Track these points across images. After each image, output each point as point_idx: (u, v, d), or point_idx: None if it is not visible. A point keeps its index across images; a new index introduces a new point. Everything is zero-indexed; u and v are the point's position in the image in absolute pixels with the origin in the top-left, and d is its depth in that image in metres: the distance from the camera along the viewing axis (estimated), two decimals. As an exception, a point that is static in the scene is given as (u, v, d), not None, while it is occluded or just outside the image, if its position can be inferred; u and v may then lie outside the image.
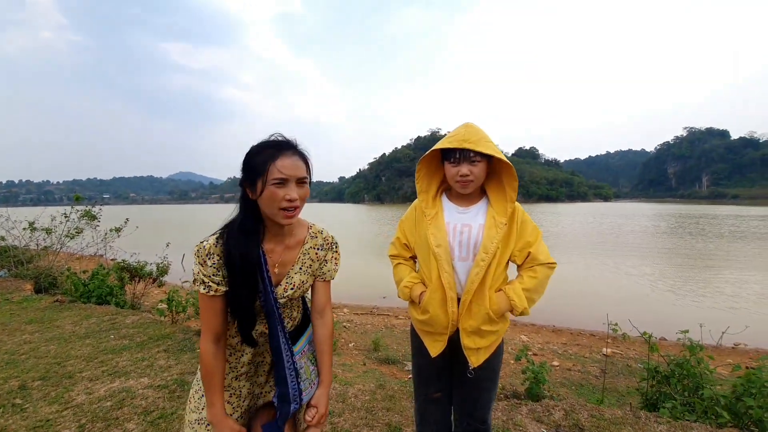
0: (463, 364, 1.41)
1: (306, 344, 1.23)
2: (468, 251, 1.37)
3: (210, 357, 1.04)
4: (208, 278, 1.02)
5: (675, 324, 6.48)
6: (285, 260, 1.15)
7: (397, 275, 1.53)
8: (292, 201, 1.01)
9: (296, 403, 1.14)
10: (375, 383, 3.01)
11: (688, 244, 19.15)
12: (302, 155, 1.05)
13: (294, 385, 1.13)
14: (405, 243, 1.52)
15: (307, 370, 1.20)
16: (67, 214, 6.77)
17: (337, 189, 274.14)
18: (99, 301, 4.97)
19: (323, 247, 1.22)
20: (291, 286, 1.14)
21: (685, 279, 11.18)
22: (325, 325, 1.23)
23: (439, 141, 1.40)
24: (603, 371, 4.52)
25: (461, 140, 1.29)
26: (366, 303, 8.68)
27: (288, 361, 1.12)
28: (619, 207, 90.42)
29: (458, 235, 1.39)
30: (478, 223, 1.39)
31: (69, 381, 2.78)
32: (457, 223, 1.40)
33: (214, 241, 1.04)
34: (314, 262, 1.20)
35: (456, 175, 1.34)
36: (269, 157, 0.99)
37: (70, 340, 3.61)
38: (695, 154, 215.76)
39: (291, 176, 1.00)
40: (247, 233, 1.05)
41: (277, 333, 1.11)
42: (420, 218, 1.45)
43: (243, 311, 1.06)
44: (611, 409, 2.44)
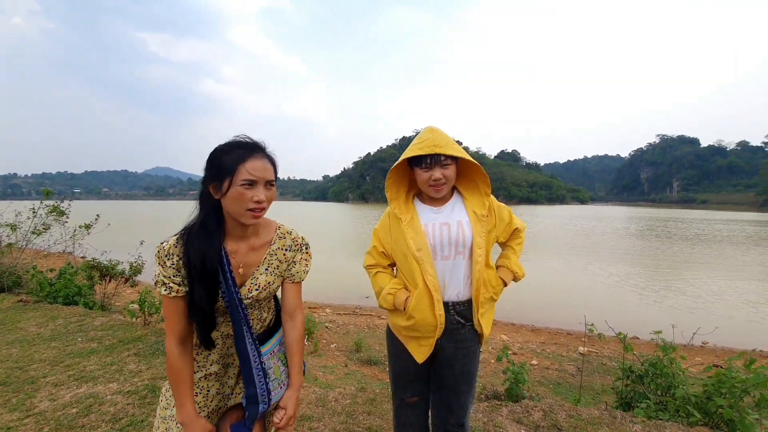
0: (443, 368, 1.43)
1: (276, 345, 1.22)
2: (450, 249, 1.39)
3: (176, 358, 1.03)
4: (169, 279, 1.02)
5: (645, 322, 6.79)
6: (250, 261, 1.13)
7: (378, 284, 1.50)
8: (260, 202, 1.02)
9: (265, 403, 1.13)
10: (356, 386, 2.98)
11: (656, 246, 20.11)
12: (270, 158, 1.07)
13: (262, 385, 1.12)
14: (382, 251, 1.50)
15: (277, 370, 1.19)
16: (35, 210, 6.42)
17: (321, 187, 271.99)
18: (66, 302, 4.75)
19: (291, 248, 1.21)
20: (256, 287, 1.13)
21: (654, 280, 11.68)
22: (295, 327, 1.21)
23: (407, 148, 1.41)
24: (579, 370, 4.63)
25: (432, 146, 1.32)
26: (349, 303, 8.62)
27: (255, 361, 1.11)
28: (595, 210, 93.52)
29: (438, 235, 1.39)
30: (456, 219, 1.41)
31: (31, 387, 2.63)
32: (435, 223, 1.41)
33: (174, 242, 1.04)
34: (282, 263, 1.19)
35: (429, 180, 1.36)
36: (239, 158, 0.99)
37: (33, 342, 3.42)
38: (667, 161, 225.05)
39: (260, 178, 1.01)
40: (207, 233, 1.04)
41: (242, 334, 1.09)
42: (395, 224, 1.44)
43: (201, 313, 1.04)
44: (588, 409, 2.49)
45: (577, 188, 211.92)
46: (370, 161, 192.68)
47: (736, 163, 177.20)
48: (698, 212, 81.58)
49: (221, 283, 1.06)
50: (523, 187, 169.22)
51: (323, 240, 21.55)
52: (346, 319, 7.10)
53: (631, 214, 64.18)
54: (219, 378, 1.17)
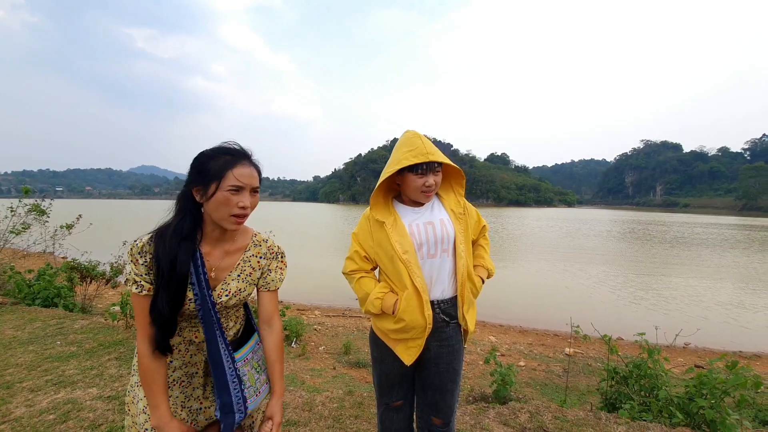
0: (429, 367, 1.44)
1: (249, 352, 1.19)
2: (436, 248, 1.42)
3: (148, 359, 1.02)
4: (140, 277, 1.01)
5: (628, 323, 6.93)
6: (222, 265, 1.13)
7: (362, 289, 1.47)
8: (244, 208, 1.04)
9: (241, 412, 1.09)
10: (344, 389, 2.95)
11: (637, 249, 20.63)
12: (257, 166, 1.10)
13: (237, 393, 1.09)
14: (365, 255, 1.50)
15: (252, 378, 1.17)
16: (14, 208, 6.22)
17: (312, 188, 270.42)
18: (45, 304, 4.61)
19: (266, 256, 1.20)
20: (226, 292, 1.11)
21: (635, 282, 11.95)
22: (273, 333, 1.21)
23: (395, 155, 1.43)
24: (566, 371, 4.68)
25: (426, 153, 1.35)
26: (338, 305, 8.57)
27: (229, 368, 1.09)
28: (581, 213, 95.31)
29: (424, 234, 1.42)
30: (439, 218, 1.45)
31: (7, 392, 2.54)
32: (418, 222, 1.44)
33: (148, 240, 1.04)
34: (255, 270, 1.18)
35: (422, 186, 1.39)
36: (227, 163, 1.02)
37: (10, 346, 3.31)
38: (650, 165, 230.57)
39: (247, 185, 1.04)
40: (181, 237, 1.03)
41: (215, 339, 1.07)
42: (377, 228, 1.44)
43: (161, 318, 1.00)
44: (573, 410, 2.52)
45: (565, 191, 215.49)
46: (361, 162, 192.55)
47: (717, 168, 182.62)
48: (679, 216, 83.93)
49: (194, 285, 1.04)
50: (512, 189, 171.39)
51: (313, 241, 21.43)
52: (335, 321, 7.05)
53: (615, 217, 65.63)
54: (183, 388, 1.13)
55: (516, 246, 21.31)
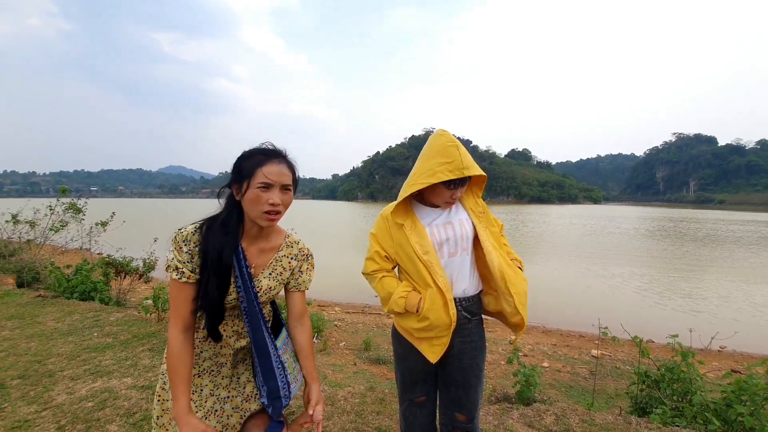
0: (452, 364, 1.44)
1: (286, 339, 1.26)
2: (456, 246, 1.42)
3: (177, 347, 1.04)
4: (182, 264, 1.05)
5: (657, 325, 6.64)
6: (257, 263, 1.17)
7: (385, 288, 1.46)
8: (275, 205, 1.06)
9: (287, 398, 1.16)
10: (365, 385, 2.98)
11: (664, 248, 19.71)
12: (290, 164, 1.11)
13: (282, 378, 1.15)
14: (385, 255, 1.48)
15: (290, 365, 1.23)
16: (52, 207, 6.60)
17: (331, 186, 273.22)
18: (83, 297, 4.85)
19: (297, 258, 1.24)
20: (258, 289, 1.16)
21: (664, 282, 11.44)
22: (305, 331, 1.26)
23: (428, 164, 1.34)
24: (592, 373, 4.55)
25: (462, 168, 1.31)
26: (357, 302, 8.64)
27: (275, 355, 1.15)
28: (607, 210, 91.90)
29: (444, 234, 1.41)
30: (458, 219, 1.45)
31: (49, 380, 2.69)
32: (437, 223, 1.43)
33: (193, 230, 1.08)
34: (285, 270, 1.22)
35: (449, 197, 1.38)
36: (258, 162, 1.05)
37: (51, 336, 3.51)
38: (683, 160, 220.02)
39: (276, 182, 1.05)
40: (227, 230, 1.08)
41: (261, 328, 1.13)
42: (396, 230, 1.43)
43: (211, 305, 1.06)
44: (602, 414, 2.44)
45: (590, 187, 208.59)
46: (379, 160, 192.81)
47: (755, 162, 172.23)
48: (714, 213, 79.53)
49: (237, 278, 1.09)
50: (534, 186, 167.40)
51: (332, 239, 21.64)
52: (354, 318, 7.12)
53: (644, 215, 62.90)
54: (212, 377, 1.18)
55: (536, 244, 20.80)
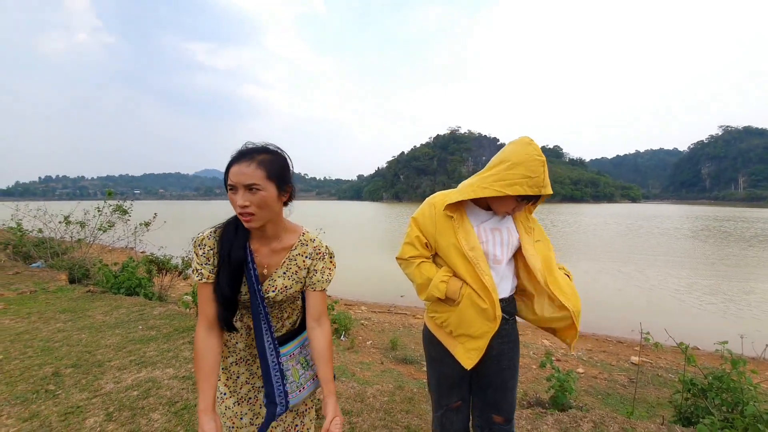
0: (489, 365, 1.40)
1: (297, 347, 1.22)
2: (503, 254, 1.37)
3: (200, 345, 1.08)
4: (201, 266, 1.11)
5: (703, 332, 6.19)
6: (270, 263, 1.17)
7: (423, 274, 1.38)
8: (243, 207, 1.02)
9: (282, 406, 1.13)
10: (393, 384, 2.98)
11: (707, 248, 18.38)
12: (261, 161, 1.02)
13: (279, 386, 1.13)
14: (426, 242, 1.40)
15: (296, 373, 1.19)
16: (100, 209, 7.08)
17: (356, 187, 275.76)
18: (128, 293, 5.15)
19: (312, 256, 1.19)
20: (273, 288, 1.15)
21: (706, 285, 10.66)
22: (324, 334, 1.18)
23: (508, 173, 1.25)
24: (632, 381, 4.33)
25: (540, 186, 1.24)
26: (384, 301, 8.67)
27: (273, 361, 1.13)
28: (647, 209, 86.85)
29: (492, 238, 1.37)
30: (506, 226, 1.41)
31: (99, 369, 2.87)
32: (486, 227, 1.39)
33: (208, 234, 1.13)
34: (301, 269, 1.19)
35: (513, 209, 1.34)
36: (228, 165, 1.04)
37: (100, 329, 3.74)
38: (731, 154, 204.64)
39: (237, 183, 1.01)
40: (236, 230, 1.12)
41: (261, 331, 1.12)
42: (442, 219, 1.36)
43: (222, 297, 1.09)
44: (644, 423, 2.32)
45: (628, 185, 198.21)
46: (404, 160, 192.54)
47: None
48: (766, 211, 73.17)
49: (247, 279, 1.12)
50: (566, 184, 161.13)
51: (357, 239, 21.82)
52: (381, 317, 7.15)
53: (687, 213, 58.94)
54: (248, 366, 1.21)
55: (566, 244, 19.95)
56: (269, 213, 1.07)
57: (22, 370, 2.82)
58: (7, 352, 3.12)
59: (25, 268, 6.59)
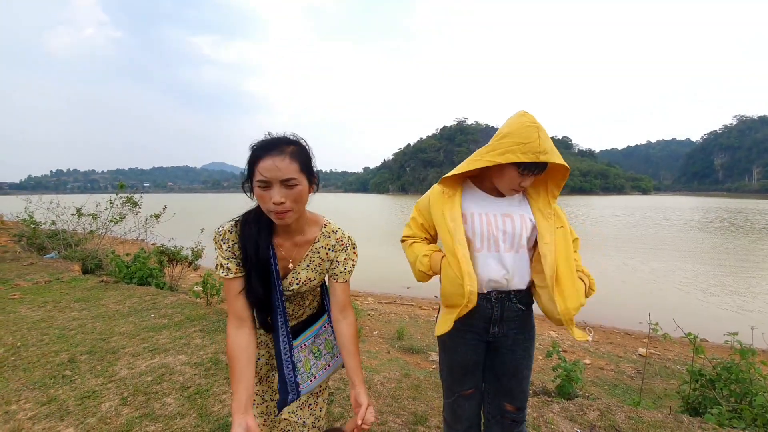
0: (505, 354, 1.39)
1: (310, 338, 1.24)
2: (513, 242, 1.32)
3: (232, 343, 1.05)
4: (226, 261, 1.07)
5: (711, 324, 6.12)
6: (294, 256, 1.15)
7: (413, 252, 1.42)
8: (278, 204, 0.96)
9: (294, 394, 1.16)
10: (400, 372, 3.02)
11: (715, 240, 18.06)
12: (293, 154, 0.97)
13: (291, 377, 1.15)
14: (422, 223, 1.45)
15: (307, 363, 1.21)
16: (112, 201, 7.20)
17: (362, 179, 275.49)
18: (140, 282, 5.26)
19: (335, 248, 1.18)
20: (297, 281, 1.15)
21: (714, 277, 10.50)
22: (349, 326, 1.19)
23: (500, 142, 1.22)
24: (639, 372, 4.32)
25: (538, 152, 1.17)
26: (390, 292, 8.72)
27: (286, 354, 1.15)
28: (658, 200, 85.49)
29: (501, 226, 1.31)
30: (519, 213, 1.33)
31: (113, 356, 2.95)
32: (495, 213, 1.34)
33: (230, 227, 1.09)
34: (324, 261, 1.18)
35: (518, 185, 1.25)
36: (255, 158, 0.96)
37: (114, 317, 3.84)
38: (745, 145, 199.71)
39: (272, 179, 0.95)
40: (260, 226, 1.07)
41: (278, 326, 1.13)
42: (437, 197, 1.38)
43: (256, 298, 1.08)
44: (650, 411, 2.32)
45: (639, 176, 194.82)
46: (410, 152, 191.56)
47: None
48: (787, 203, 71.56)
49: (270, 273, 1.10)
50: (575, 176, 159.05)
51: (363, 231, 21.88)
52: (387, 308, 7.20)
53: (699, 205, 57.87)
54: (267, 348, 1.26)
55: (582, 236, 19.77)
56: (302, 207, 1.05)
57: (39, 356, 2.91)
58: (25, 340, 3.22)
59: (40, 259, 6.75)
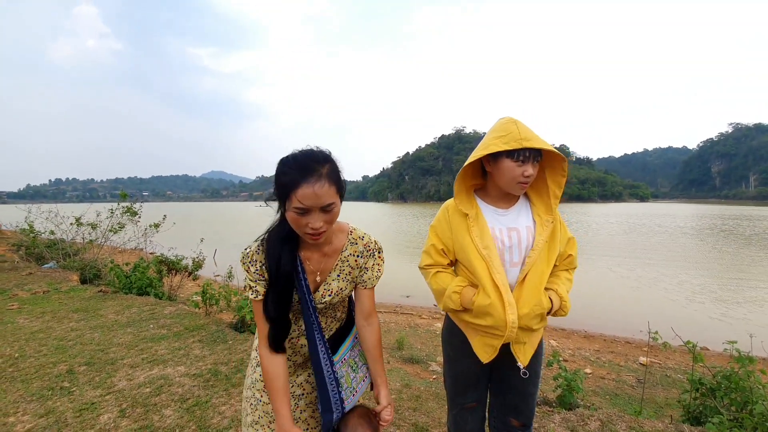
0: (510, 368, 1.34)
1: (347, 352, 1.22)
2: (519, 256, 1.30)
3: (267, 365, 1.05)
4: (255, 283, 1.06)
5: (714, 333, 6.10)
6: (323, 268, 1.13)
7: (439, 284, 1.37)
8: (315, 229, 0.96)
9: (339, 411, 1.13)
10: (401, 382, 3.00)
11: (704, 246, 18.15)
12: (330, 177, 0.95)
13: (335, 394, 1.12)
14: (442, 249, 1.38)
15: (348, 378, 1.19)
16: (113, 210, 7.21)
17: (361, 188, 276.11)
18: (139, 292, 5.23)
19: (363, 254, 1.17)
20: (329, 292, 1.13)
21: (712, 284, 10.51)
22: (373, 333, 1.20)
23: (483, 141, 1.28)
24: (641, 381, 4.30)
25: (519, 139, 1.18)
26: (389, 301, 8.68)
27: (327, 370, 1.11)
28: (654, 207, 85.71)
29: (507, 240, 1.30)
30: (525, 225, 1.32)
31: (111, 367, 2.93)
32: (502, 227, 1.32)
33: (256, 248, 1.07)
34: (354, 269, 1.17)
35: (520, 176, 1.22)
36: (291, 183, 0.92)
37: (112, 328, 3.81)
38: (742, 152, 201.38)
39: (312, 206, 0.93)
40: (283, 241, 1.05)
41: (315, 342, 1.10)
42: (457, 220, 1.34)
43: (272, 318, 1.05)
44: (651, 421, 2.31)
45: (636, 184, 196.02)
46: (409, 161, 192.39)
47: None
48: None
49: (297, 289, 1.08)
50: (573, 184, 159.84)
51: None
52: (386, 317, 7.17)
53: (695, 212, 58.05)
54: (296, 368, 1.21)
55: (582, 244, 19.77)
56: (334, 223, 1.05)
57: (37, 367, 2.90)
58: (23, 351, 3.20)
59: (38, 268, 6.73)
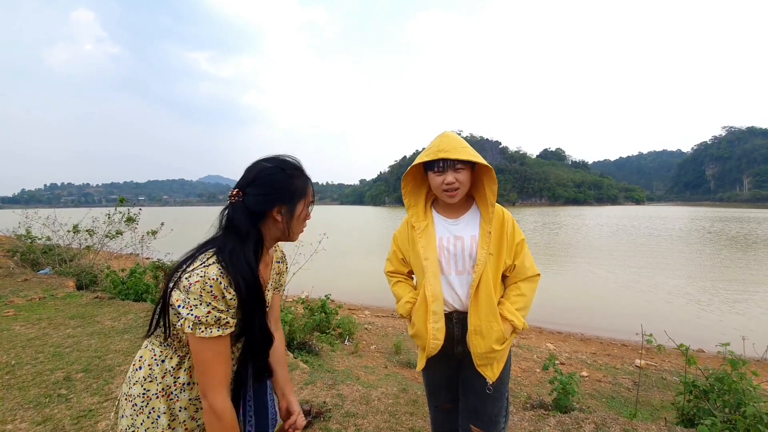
0: (472, 377, 1.39)
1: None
2: (464, 264, 1.37)
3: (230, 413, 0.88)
4: (227, 314, 0.86)
5: (709, 335, 6.17)
6: (265, 278, 1.07)
7: (397, 292, 1.52)
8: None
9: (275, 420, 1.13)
10: (398, 387, 3.02)
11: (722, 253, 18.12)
12: None
13: (273, 412, 1.12)
14: (402, 258, 1.51)
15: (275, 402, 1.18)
16: (111, 215, 7.19)
17: (358, 191, 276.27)
18: (136, 298, 5.22)
19: (282, 260, 1.20)
20: (267, 304, 1.04)
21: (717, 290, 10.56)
22: (281, 337, 1.21)
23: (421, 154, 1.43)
24: (636, 384, 4.33)
25: (437, 151, 1.31)
26: (387, 306, 8.69)
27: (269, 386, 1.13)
28: (649, 210, 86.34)
29: (453, 248, 1.38)
30: (470, 234, 1.38)
31: (109, 374, 2.92)
32: (449, 236, 1.40)
33: (219, 271, 0.86)
34: (278, 275, 1.18)
35: (441, 184, 1.32)
36: (307, 180, 1.02)
37: (109, 334, 3.79)
38: (735, 155, 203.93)
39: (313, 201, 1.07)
40: (256, 257, 0.94)
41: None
42: (411, 232, 1.45)
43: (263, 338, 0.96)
44: (645, 424, 2.34)
45: (632, 187, 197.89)
46: (406, 165, 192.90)
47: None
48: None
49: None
50: (569, 187, 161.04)
51: (359, 244, 21.86)
52: (384, 322, 7.17)
53: (689, 215, 58.56)
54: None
55: (574, 248, 19.88)
56: None
57: (34, 375, 2.88)
58: (19, 358, 3.19)
59: (33, 274, 6.67)
